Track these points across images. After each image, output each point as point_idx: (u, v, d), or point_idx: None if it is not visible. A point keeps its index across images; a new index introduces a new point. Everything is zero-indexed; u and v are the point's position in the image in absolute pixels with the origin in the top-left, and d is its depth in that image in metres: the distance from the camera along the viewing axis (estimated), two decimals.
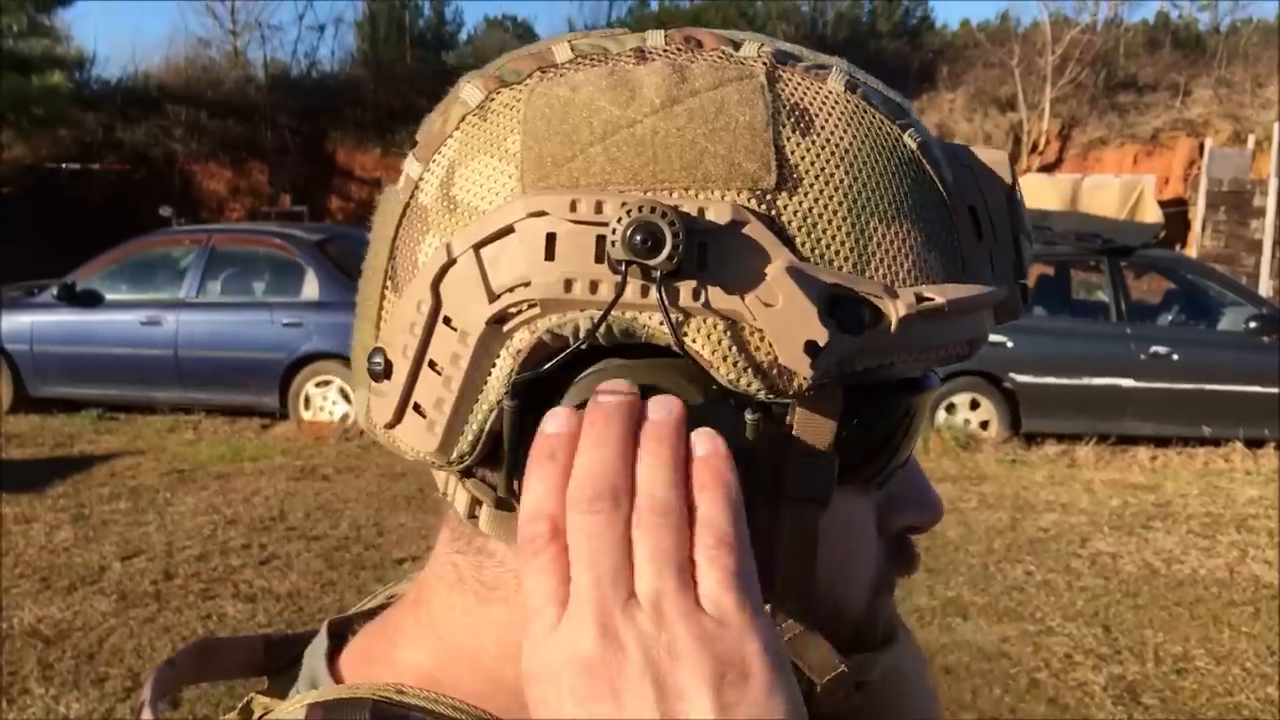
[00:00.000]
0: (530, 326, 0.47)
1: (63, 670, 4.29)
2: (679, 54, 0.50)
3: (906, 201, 0.49)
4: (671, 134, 0.47)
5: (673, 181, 0.46)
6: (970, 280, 0.51)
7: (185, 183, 21.68)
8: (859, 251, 0.48)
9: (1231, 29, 29.65)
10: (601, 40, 0.52)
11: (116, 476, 7.34)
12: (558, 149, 0.47)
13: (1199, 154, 19.15)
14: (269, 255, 9.30)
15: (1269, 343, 8.09)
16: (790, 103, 0.49)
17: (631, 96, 0.48)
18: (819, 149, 0.48)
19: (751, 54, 0.50)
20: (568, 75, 0.49)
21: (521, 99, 0.49)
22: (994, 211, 0.53)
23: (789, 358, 0.46)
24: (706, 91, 0.48)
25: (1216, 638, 4.80)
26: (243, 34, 28.12)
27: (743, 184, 0.47)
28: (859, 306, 0.46)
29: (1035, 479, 7.57)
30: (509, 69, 0.51)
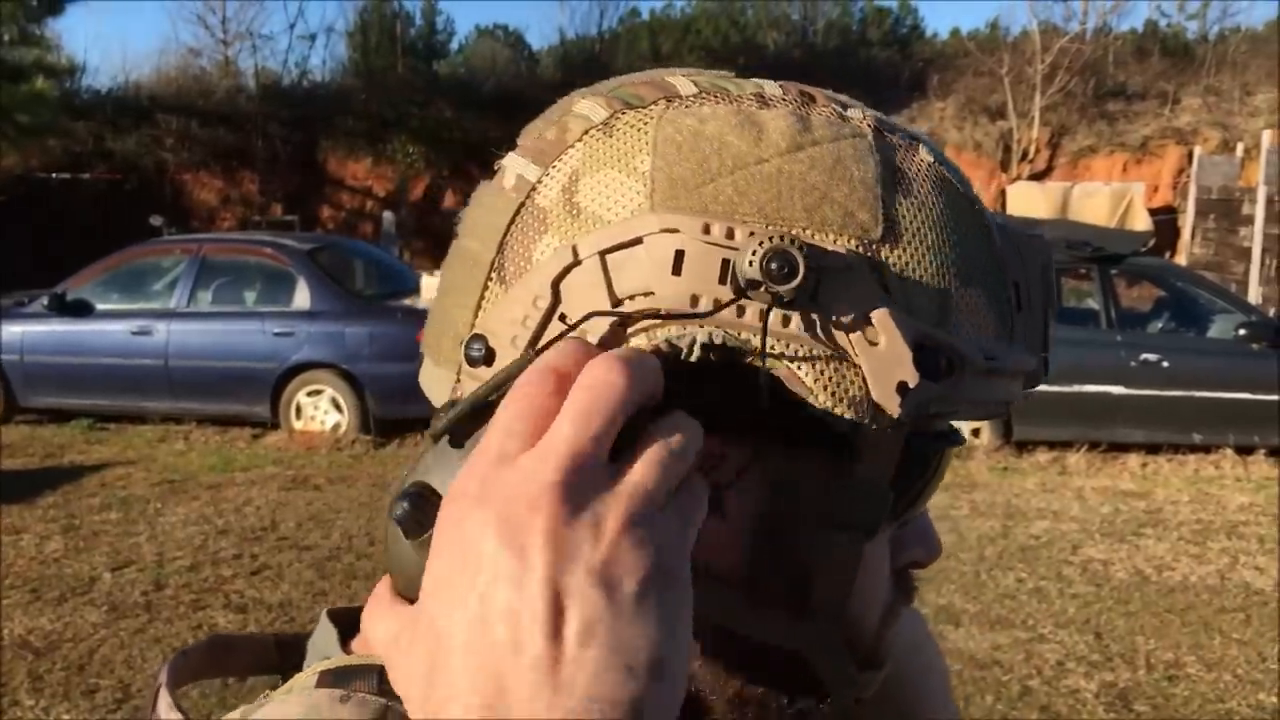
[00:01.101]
0: (649, 334, 0.49)
1: (53, 681, 4.28)
2: (798, 105, 0.54)
3: (978, 267, 0.54)
4: (795, 176, 0.50)
5: (794, 220, 0.50)
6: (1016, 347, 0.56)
7: (176, 192, 21.64)
8: (940, 307, 0.52)
9: (1220, 37, 29.77)
10: (719, 80, 0.55)
11: (107, 487, 7.32)
12: (688, 174, 0.50)
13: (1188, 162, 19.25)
14: (260, 265, 9.29)
15: (1259, 350, 8.12)
16: (893, 165, 0.53)
17: (759, 137, 0.51)
18: (916, 209, 0.52)
19: (858, 117, 0.54)
20: (694, 108, 0.52)
21: (649, 122, 0.52)
22: (1031, 287, 0.57)
23: (881, 395, 0.49)
24: (826, 143, 0.51)
25: (1208, 644, 4.81)
26: (234, 43, 28.11)
27: (854, 231, 0.50)
28: (940, 357, 0.50)
29: (1026, 486, 7.58)
30: (629, 93, 0.54)
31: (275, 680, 0.64)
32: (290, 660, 0.65)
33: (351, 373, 8.59)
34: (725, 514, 0.52)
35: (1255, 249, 14.17)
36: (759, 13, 33.12)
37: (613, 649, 0.40)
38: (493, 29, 36.13)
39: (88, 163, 20.89)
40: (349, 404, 8.63)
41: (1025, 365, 0.55)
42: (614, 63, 30.60)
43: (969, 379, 0.51)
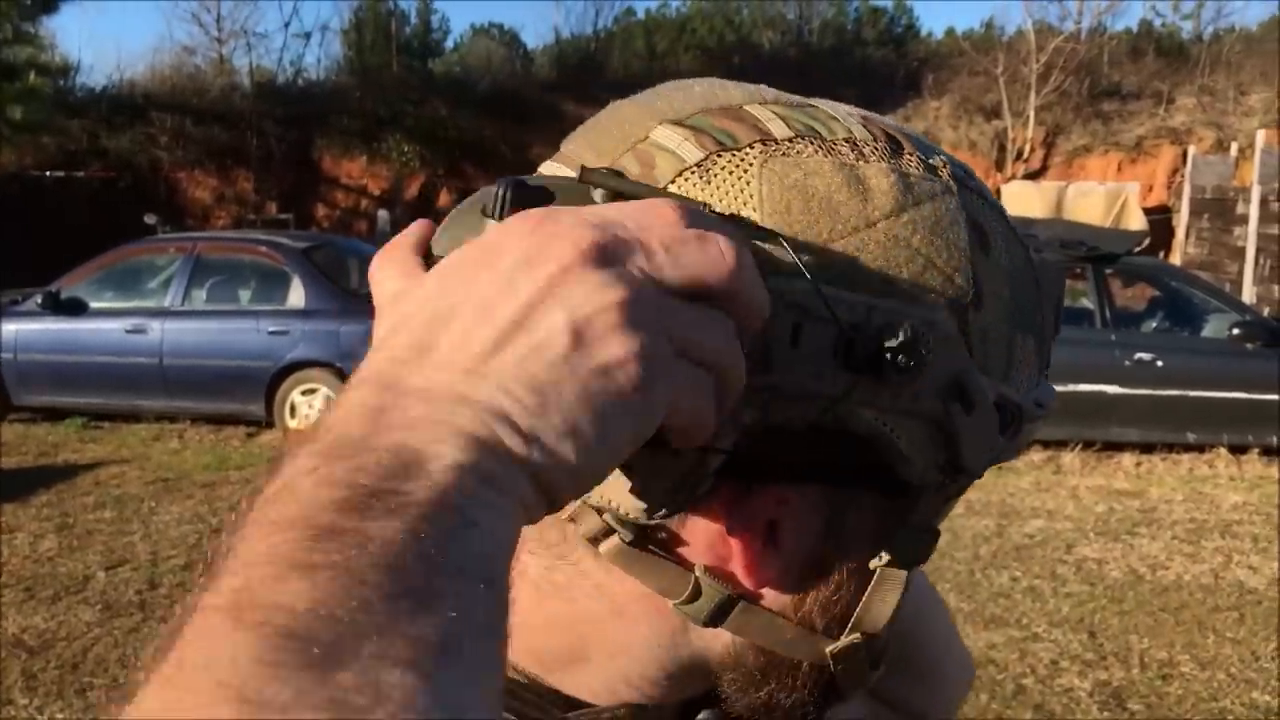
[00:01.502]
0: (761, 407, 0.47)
1: (47, 680, 4.27)
2: (891, 157, 0.51)
3: (1030, 314, 0.55)
4: (901, 241, 0.49)
5: (901, 289, 0.49)
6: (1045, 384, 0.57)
7: (170, 190, 21.60)
8: (1008, 361, 0.53)
9: (1214, 37, 29.83)
10: (803, 116, 0.52)
11: (101, 485, 7.31)
12: (799, 234, 0.48)
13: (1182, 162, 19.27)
14: (255, 263, 9.28)
15: (1253, 349, 8.13)
16: (976, 222, 0.52)
17: (866, 198, 0.49)
18: (993, 268, 0.52)
19: (940, 165, 0.53)
20: (794, 157, 0.49)
21: (750, 170, 0.49)
22: (1048, 315, 0.58)
23: (971, 460, 0.50)
24: (926, 203, 0.50)
25: (1201, 643, 4.82)
26: (228, 41, 28.07)
27: (952, 296, 0.50)
28: (1008, 413, 0.52)
29: (1021, 485, 7.59)
30: (718, 129, 0.50)
31: None
32: None
33: (346, 372, 8.55)
34: (779, 547, 0.52)
35: (1249, 249, 14.19)
36: (754, 12, 33.14)
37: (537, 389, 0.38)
38: (488, 28, 36.16)
39: (82, 161, 20.84)
40: None
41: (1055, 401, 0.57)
42: (609, 62, 30.62)
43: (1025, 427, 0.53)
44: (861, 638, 0.55)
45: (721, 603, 0.52)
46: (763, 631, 0.54)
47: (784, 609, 0.54)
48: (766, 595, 0.54)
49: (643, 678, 0.56)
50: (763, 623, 0.54)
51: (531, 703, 0.57)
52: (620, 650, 0.55)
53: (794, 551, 0.53)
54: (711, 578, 0.52)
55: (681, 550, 0.52)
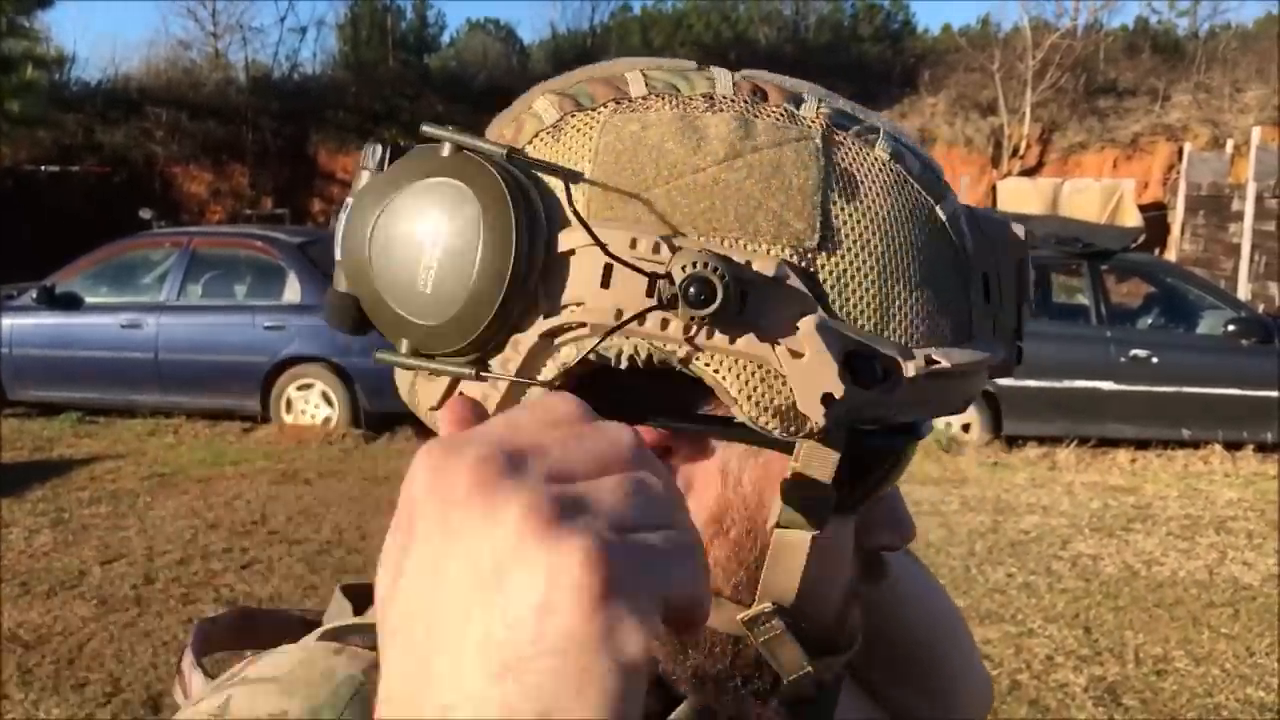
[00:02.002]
0: (578, 345, 0.50)
1: (42, 675, 4.27)
2: (746, 107, 0.52)
3: (929, 270, 0.53)
4: (730, 185, 0.50)
5: (725, 231, 0.50)
6: (975, 343, 0.55)
7: (166, 185, 21.56)
8: (881, 313, 0.52)
9: (1210, 34, 29.84)
10: (672, 77, 0.54)
11: (96, 480, 7.30)
12: (625, 184, 0.50)
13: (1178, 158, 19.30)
14: (250, 258, 9.26)
15: (1247, 346, 8.14)
16: (840, 168, 0.52)
17: (698, 144, 0.51)
18: (860, 215, 0.52)
19: (810, 114, 0.53)
20: (640, 111, 0.52)
21: (595, 127, 0.52)
22: (1004, 279, 0.58)
23: (806, 405, 0.50)
24: (767, 149, 0.51)
25: (1196, 639, 4.83)
26: (224, 36, 28.00)
27: (788, 240, 0.50)
28: (875, 364, 0.50)
29: (1016, 481, 7.60)
30: (583, 91, 0.53)
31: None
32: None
33: (342, 366, 8.57)
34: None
35: (1244, 245, 14.21)
36: (751, 8, 33.10)
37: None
38: (484, 23, 36.10)
39: (77, 155, 20.79)
40: (339, 398, 8.62)
41: (986, 361, 0.55)
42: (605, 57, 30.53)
43: (911, 383, 0.51)
44: (773, 606, 0.55)
45: None
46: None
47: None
48: None
49: None
50: None
51: None
52: None
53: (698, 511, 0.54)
54: None
55: None
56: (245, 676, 0.55)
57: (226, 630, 0.67)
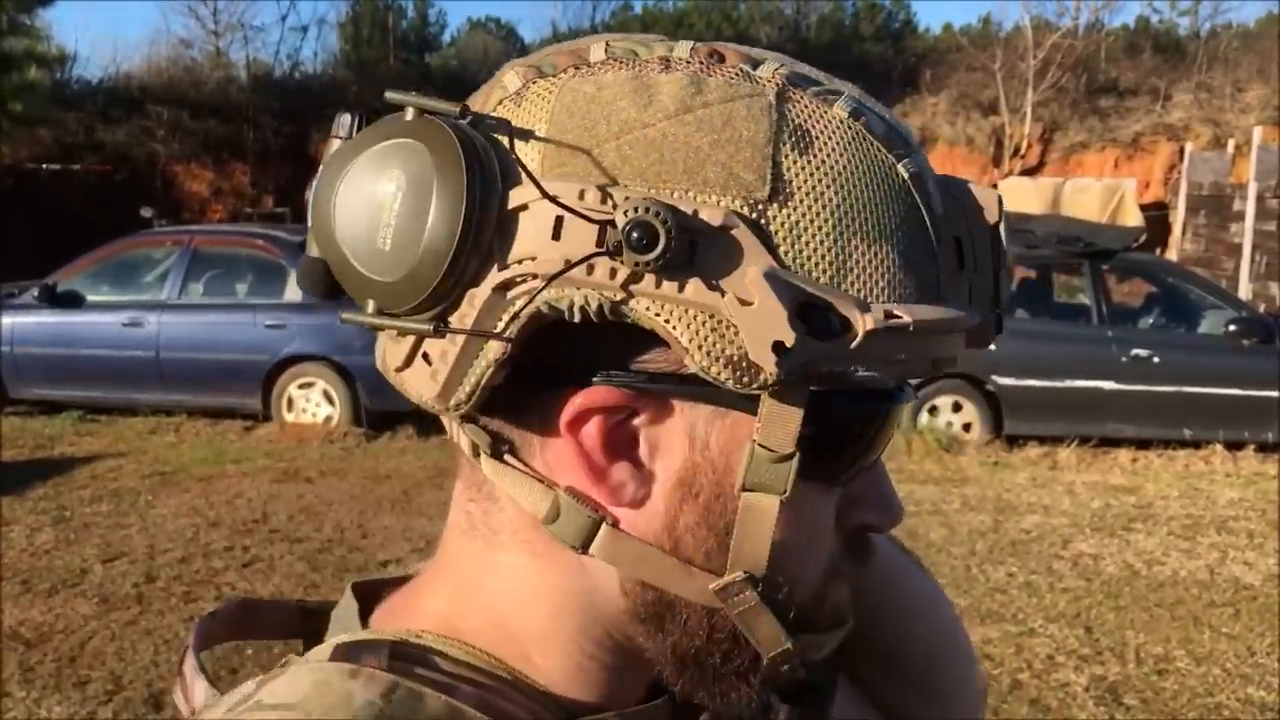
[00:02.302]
0: (530, 297, 0.50)
1: (44, 673, 4.27)
2: (700, 68, 0.53)
3: (889, 225, 0.53)
4: (679, 139, 0.51)
5: (674, 183, 0.50)
6: (944, 305, 0.55)
7: (167, 184, 21.56)
8: (838, 266, 0.51)
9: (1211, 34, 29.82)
10: (633, 45, 0.55)
11: (98, 479, 7.31)
12: (576, 140, 0.51)
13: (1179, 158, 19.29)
14: (251, 257, 9.27)
15: (1249, 346, 8.15)
16: (794, 123, 0.52)
17: (649, 101, 0.51)
18: (814, 168, 0.51)
19: (767, 74, 0.54)
20: (596, 74, 0.53)
21: (553, 91, 0.53)
22: (978, 244, 0.57)
23: (757, 354, 0.49)
24: (717, 104, 0.51)
25: (1197, 638, 4.83)
26: (225, 34, 28.00)
27: (738, 192, 0.50)
28: (829, 315, 0.50)
29: (1017, 481, 7.61)
30: (548, 61, 0.55)
31: (298, 645, 0.66)
32: (313, 626, 0.68)
33: (343, 365, 8.57)
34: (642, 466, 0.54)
35: (1246, 245, 14.22)
36: (751, 7, 33.10)
37: None
38: (485, 21, 36.11)
39: (78, 154, 20.78)
40: (341, 396, 8.63)
41: (956, 323, 0.55)
42: None
43: (869, 337, 0.50)
44: (744, 575, 0.54)
45: (585, 525, 0.54)
46: (634, 559, 0.55)
47: (656, 536, 0.55)
48: (630, 518, 0.55)
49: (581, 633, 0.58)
50: (633, 551, 0.55)
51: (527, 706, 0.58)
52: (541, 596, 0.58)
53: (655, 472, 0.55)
54: (572, 497, 0.55)
55: (548, 469, 0.55)
56: (259, 702, 0.54)
57: (225, 623, 0.67)
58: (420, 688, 0.55)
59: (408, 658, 0.57)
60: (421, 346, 0.54)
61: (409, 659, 0.57)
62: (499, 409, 0.55)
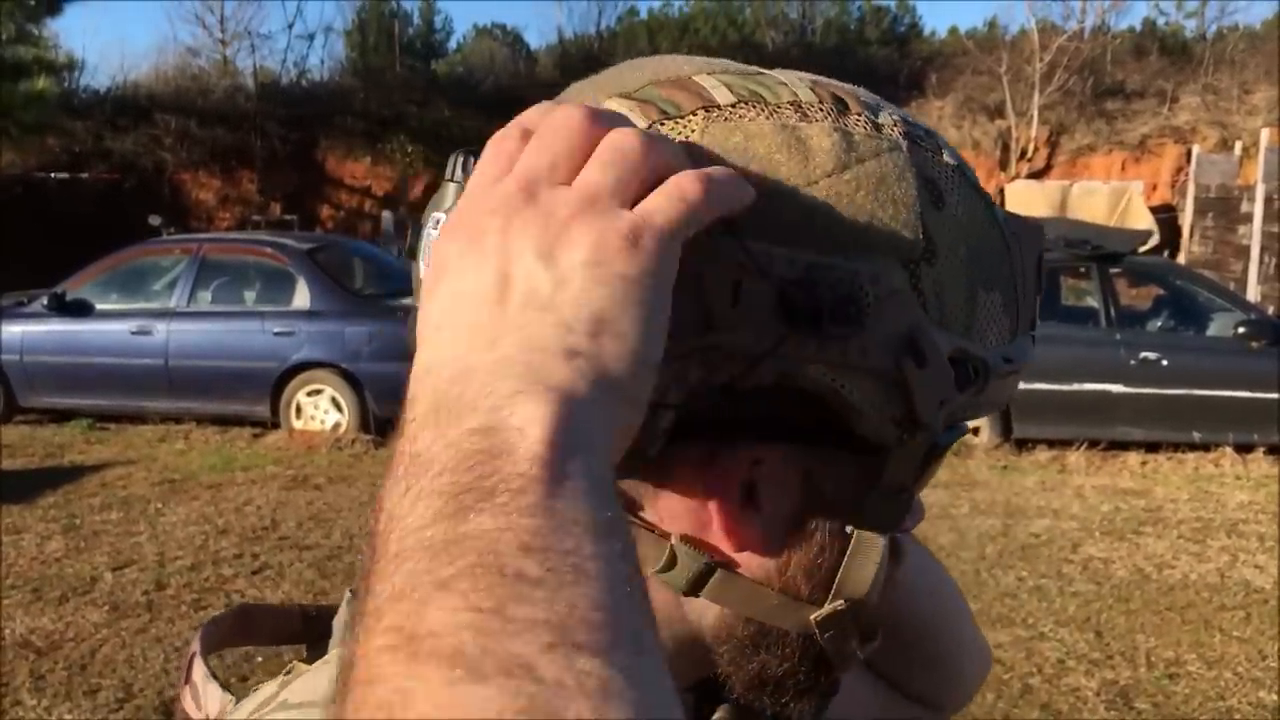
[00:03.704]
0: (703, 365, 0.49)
1: (55, 681, 4.28)
2: (835, 117, 0.52)
3: (997, 273, 0.54)
4: (844, 199, 0.49)
5: (846, 244, 0.49)
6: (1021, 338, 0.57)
7: (175, 192, 21.64)
8: (968, 315, 0.52)
9: (1218, 36, 29.79)
10: (750, 83, 0.53)
11: (107, 486, 7.32)
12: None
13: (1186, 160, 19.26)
14: (260, 264, 9.29)
15: (1258, 348, 8.12)
16: (926, 177, 0.52)
17: (806, 158, 0.50)
18: (948, 223, 0.52)
19: (889, 124, 0.53)
20: (735, 121, 0.51)
21: (692, 137, 0.50)
22: (1028, 276, 0.58)
23: (926, 413, 0.50)
24: (869, 160, 0.51)
25: (1208, 642, 4.82)
26: (232, 43, 28.13)
27: (899, 252, 0.50)
28: (969, 367, 0.52)
29: (1026, 485, 7.59)
30: (663, 99, 0.52)
31: (301, 650, 0.66)
32: (315, 631, 0.68)
33: (351, 372, 8.59)
34: (758, 511, 0.54)
35: (1254, 247, 14.19)
36: (757, 11, 33.13)
37: (547, 308, 0.41)
38: (490, 28, 36.19)
39: (86, 162, 20.89)
40: (349, 403, 8.64)
41: (1032, 359, 0.57)
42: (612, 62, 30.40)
43: (991, 383, 0.53)
44: (846, 604, 0.55)
45: (699, 571, 0.53)
46: (745, 599, 0.55)
47: (766, 576, 0.55)
48: (745, 561, 0.54)
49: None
50: (744, 590, 0.55)
51: None
52: None
53: (772, 516, 0.54)
54: (687, 545, 0.53)
55: (659, 519, 0.54)
56: (284, 701, 0.55)
57: (228, 629, 0.67)
58: None
59: None
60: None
61: None
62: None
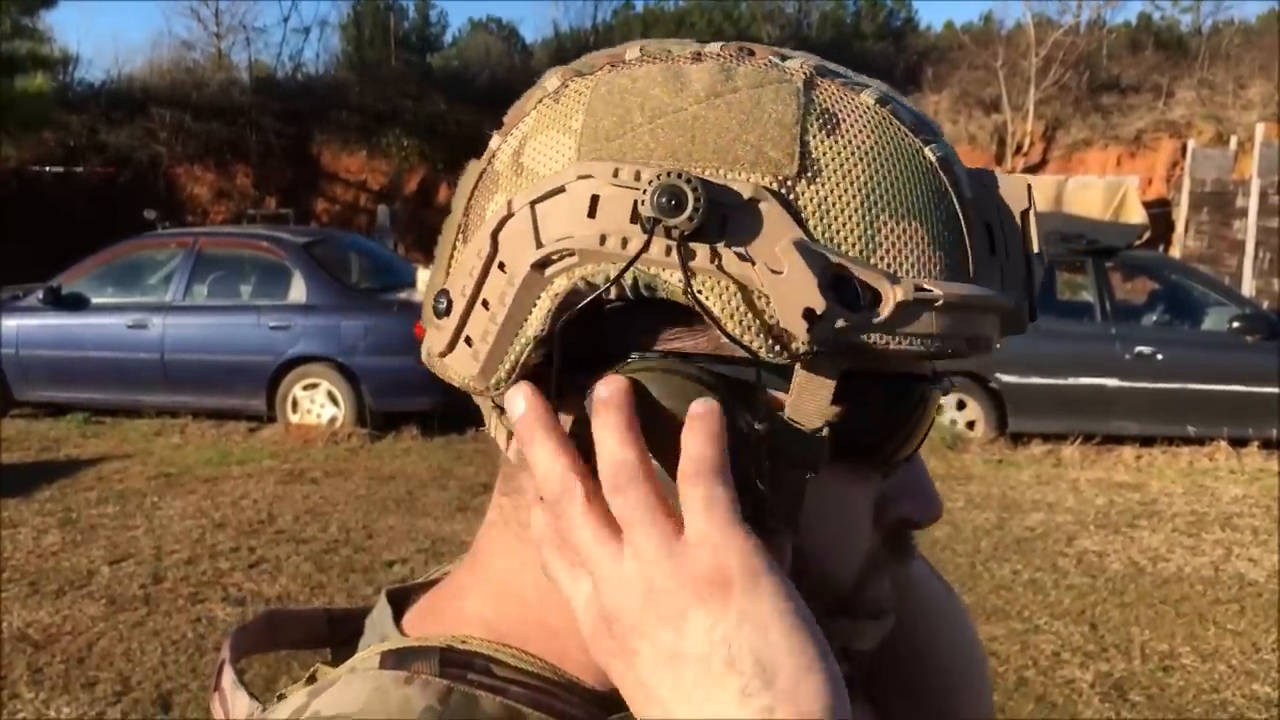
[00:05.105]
0: (569, 274, 0.52)
1: (52, 674, 4.29)
2: (731, 59, 0.56)
3: (918, 204, 0.54)
4: (710, 121, 0.52)
5: (705, 161, 0.52)
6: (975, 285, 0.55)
7: (170, 186, 21.58)
8: (866, 240, 0.52)
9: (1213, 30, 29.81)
10: (667, 44, 0.57)
11: (104, 480, 7.32)
12: (611, 126, 0.53)
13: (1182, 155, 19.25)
14: (256, 258, 9.28)
15: (1252, 342, 8.14)
16: (822, 107, 0.54)
17: (680, 88, 0.53)
18: (841, 147, 0.53)
19: (795, 65, 0.55)
20: (631, 69, 0.56)
21: (590, 86, 0.55)
22: (1008, 231, 0.58)
23: (789, 321, 0.50)
24: (746, 89, 0.53)
25: (1202, 635, 4.84)
26: (227, 36, 28.05)
27: (766, 169, 0.51)
28: (859, 287, 0.51)
29: (1022, 478, 7.61)
30: (585, 64, 0.58)
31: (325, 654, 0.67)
32: (340, 634, 0.69)
33: (348, 366, 8.59)
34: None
35: (1249, 242, 14.20)
36: (753, 6, 33.10)
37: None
38: (486, 22, 36.16)
39: (81, 156, 20.83)
40: (345, 397, 8.64)
41: (987, 301, 0.55)
42: None
43: (901, 310, 0.51)
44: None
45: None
46: None
47: None
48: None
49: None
50: None
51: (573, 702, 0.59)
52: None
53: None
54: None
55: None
56: (317, 712, 0.56)
57: (256, 635, 0.68)
58: (474, 691, 0.57)
59: (457, 663, 0.58)
60: (464, 330, 0.56)
61: (458, 664, 0.58)
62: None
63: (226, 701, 0.63)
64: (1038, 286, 0.60)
